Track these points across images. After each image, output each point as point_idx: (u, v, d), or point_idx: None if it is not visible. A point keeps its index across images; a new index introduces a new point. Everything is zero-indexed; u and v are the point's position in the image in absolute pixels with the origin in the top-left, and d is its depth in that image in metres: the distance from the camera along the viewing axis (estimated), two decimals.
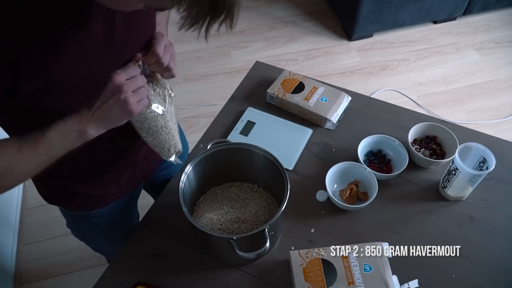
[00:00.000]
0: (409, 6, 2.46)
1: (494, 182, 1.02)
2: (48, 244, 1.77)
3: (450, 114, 2.22)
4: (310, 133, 1.12)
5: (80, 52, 0.64)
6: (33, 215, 1.86)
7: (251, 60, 1.71)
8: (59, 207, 0.99)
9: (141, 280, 0.86)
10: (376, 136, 1.06)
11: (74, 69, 0.64)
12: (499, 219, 0.96)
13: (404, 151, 1.03)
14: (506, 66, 2.47)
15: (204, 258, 0.91)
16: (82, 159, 0.82)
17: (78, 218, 1.00)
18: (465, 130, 1.13)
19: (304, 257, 0.87)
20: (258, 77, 1.27)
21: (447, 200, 1.00)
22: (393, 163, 1.06)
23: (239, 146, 0.93)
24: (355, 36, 2.58)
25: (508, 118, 2.21)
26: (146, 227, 0.96)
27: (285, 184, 0.85)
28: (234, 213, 0.94)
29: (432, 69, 2.46)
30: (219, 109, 1.20)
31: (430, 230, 0.95)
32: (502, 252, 0.91)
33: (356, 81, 2.39)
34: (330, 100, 1.15)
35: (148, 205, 1.02)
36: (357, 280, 0.83)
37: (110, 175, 0.90)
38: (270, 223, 0.80)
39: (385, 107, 1.20)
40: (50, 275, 1.69)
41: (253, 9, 2.86)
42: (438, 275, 0.88)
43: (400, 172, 0.99)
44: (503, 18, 2.75)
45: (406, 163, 1.00)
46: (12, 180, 0.66)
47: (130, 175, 0.94)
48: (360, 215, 0.98)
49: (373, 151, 1.08)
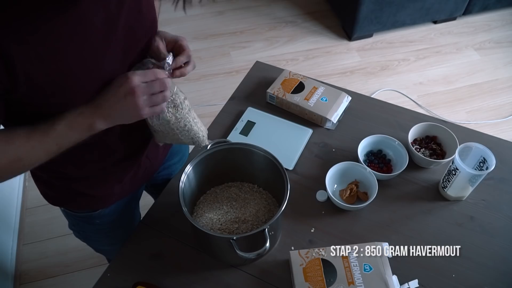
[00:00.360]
0: (409, 6, 2.46)
1: (494, 182, 1.02)
2: (48, 244, 1.77)
3: (450, 114, 2.21)
4: (310, 133, 1.12)
5: (77, 41, 0.61)
6: (33, 215, 1.86)
7: (251, 60, 1.71)
8: (61, 208, 0.98)
9: (141, 280, 0.86)
10: (376, 136, 1.06)
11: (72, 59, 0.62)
12: (499, 219, 0.96)
13: (404, 151, 1.03)
14: (506, 66, 2.47)
15: (204, 258, 0.91)
16: (84, 159, 0.82)
17: (80, 219, 0.99)
18: (465, 130, 1.13)
19: (304, 257, 0.87)
20: (258, 77, 1.27)
21: (447, 200, 1.00)
22: (393, 163, 1.06)
23: (239, 146, 0.93)
24: (355, 36, 2.58)
25: (508, 118, 2.21)
26: (146, 227, 0.96)
27: (285, 184, 0.85)
28: (234, 213, 0.94)
29: (432, 69, 2.46)
30: (219, 109, 1.20)
31: (430, 230, 0.95)
32: (502, 252, 0.91)
33: (356, 81, 2.39)
34: (330, 100, 1.15)
35: (148, 205, 1.02)
36: (357, 280, 0.83)
37: (113, 175, 0.90)
38: (270, 223, 0.80)
39: (385, 107, 1.20)
40: (50, 275, 1.69)
41: (253, 9, 2.86)
42: (438, 275, 0.88)
43: (400, 172, 0.99)
44: (503, 18, 2.75)
45: (406, 163, 1.00)
46: (19, 167, 0.67)
47: (133, 175, 0.94)
48: (360, 215, 0.98)
49: (373, 151, 1.08)
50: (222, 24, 2.75)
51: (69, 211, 0.97)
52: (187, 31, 2.64)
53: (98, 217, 0.97)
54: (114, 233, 1.06)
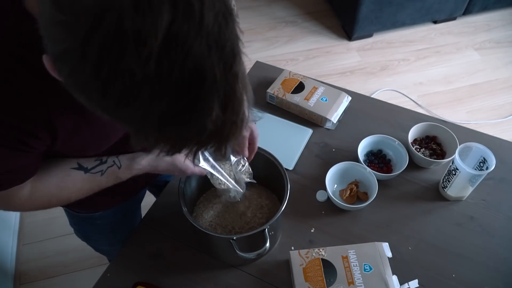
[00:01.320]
0: (409, 6, 2.46)
1: (494, 182, 1.02)
2: (48, 244, 1.77)
3: (450, 114, 2.21)
4: (310, 133, 1.12)
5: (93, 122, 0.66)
6: (33, 215, 1.86)
7: (251, 60, 1.71)
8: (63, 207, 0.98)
9: (141, 280, 0.86)
10: (376, 136, 1.06)
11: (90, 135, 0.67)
12: (499, 219, 0.96)
13: (404, 151, 1.03)
14: (506, 66, 2.47)
15: (204, 258, 0.91)
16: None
17: (81, 219, 1.00)
18: (465, 130, 1.13)
19: (304, 257, 0.87)
20: (258, 77, 1.27)
21: (447, 200, 1.00)
22: (393, 163, 1.06)
23: None
24: (355, 36, 2.58)
25: (508, 118, 2.21)
26: (146, 227, 0.96)
27: (285, 184, 0.85)
28: (234, 213, 0.94)
29: (432, 69, 2.46)
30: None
31: (430, 230, 0.95)
32: (502, 252, 0.91)
33: (356, 81, 2.39)
34: (330, 100, 1.15)
35: (148, 205, 1.02)
36: (357, 280, 0.83)
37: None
38: (270, 223, 0.80)
39: (385, 107, 1.20)
40: (50, 275, 1.69)
41: (253, 9, 2.86)
42: (438, 275, 0.88)
43: (400, 172, 0.99)
44: (503, 18, 2.74)
45: (406, 163, 1.00)
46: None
47: (135, 180, 0.93)
48: (360, 215, 0.98)
49: (373, 151, 1.08)
50: None
51: (71, 210, 0.97)
52: None
53: (99, 218, 0.97)
54: (114, 234, 1.06)
